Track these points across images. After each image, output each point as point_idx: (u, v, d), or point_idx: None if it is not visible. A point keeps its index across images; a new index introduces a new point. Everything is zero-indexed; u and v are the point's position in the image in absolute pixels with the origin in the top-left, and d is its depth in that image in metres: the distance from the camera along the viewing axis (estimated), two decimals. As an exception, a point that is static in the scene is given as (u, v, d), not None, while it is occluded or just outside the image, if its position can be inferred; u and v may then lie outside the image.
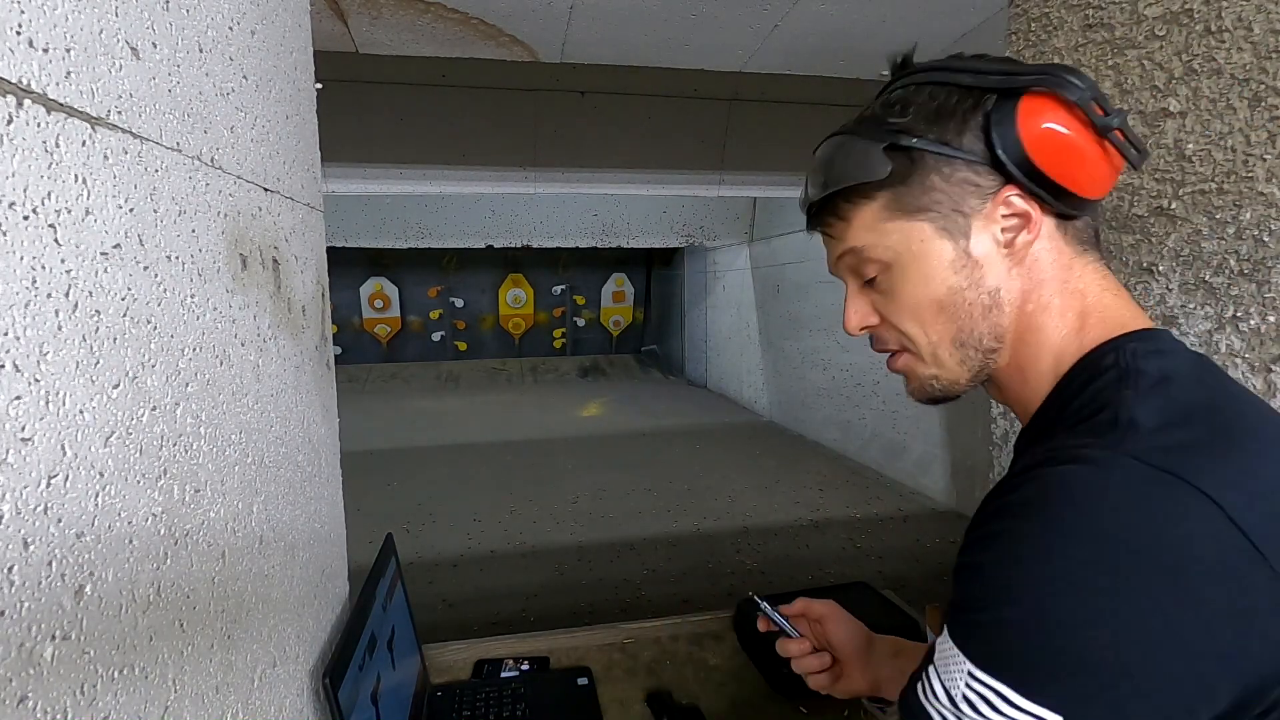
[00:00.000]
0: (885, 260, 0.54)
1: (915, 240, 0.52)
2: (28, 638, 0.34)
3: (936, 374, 0.55)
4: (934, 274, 0.52)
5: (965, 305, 0.52)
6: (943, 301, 0.52)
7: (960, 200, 0.51)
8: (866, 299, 0.57)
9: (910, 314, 0.54)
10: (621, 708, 1.04)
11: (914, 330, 0.54)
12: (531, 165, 3.97)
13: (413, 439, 6.38)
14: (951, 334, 0.53)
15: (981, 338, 0.53)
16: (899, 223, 0.52)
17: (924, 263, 0.52)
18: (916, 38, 2.58)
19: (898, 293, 0.54)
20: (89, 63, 0.41)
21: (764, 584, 3.19)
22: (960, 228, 0.51)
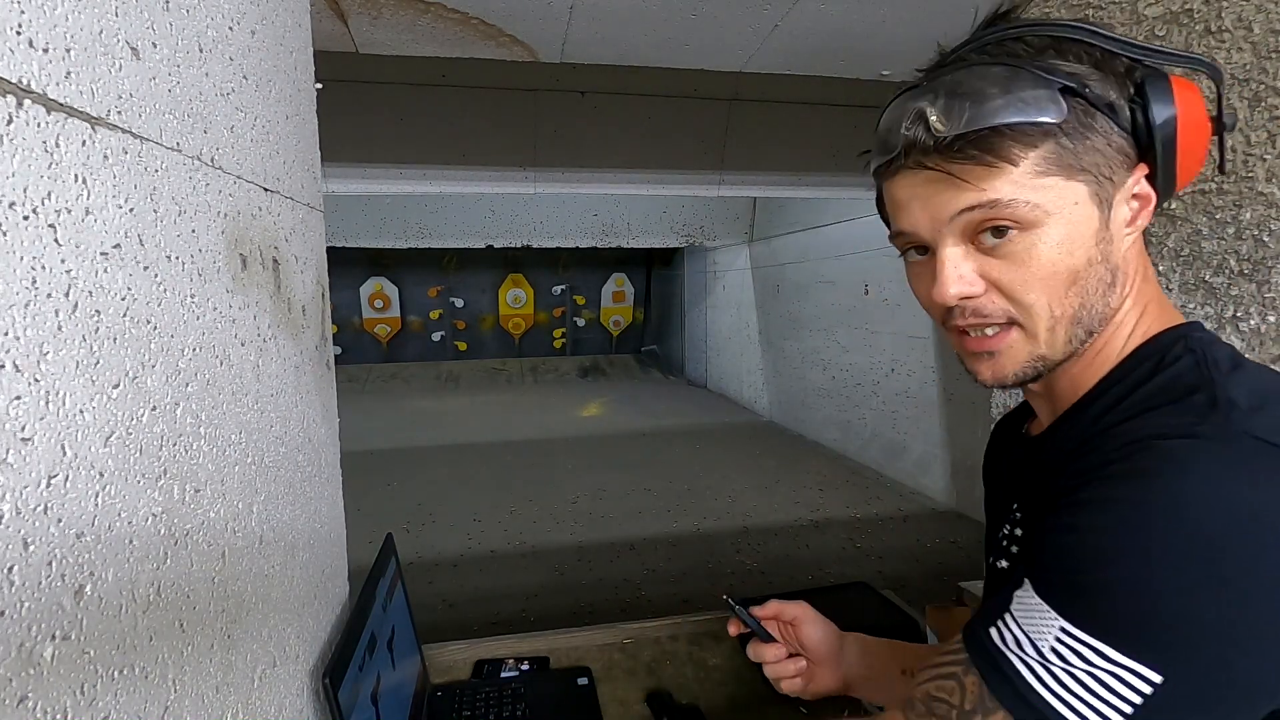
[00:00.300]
0: (1029, 220, 0.46)
1: (1069, 203, 0.47)
2: (28, 638, 0.34)
3: (1045, 354, 0.50)
4: (1079, 242, 0.47)
5: (1095, 280, 0.48)
6: (1079, 274, 0.48)
7: (1113, 168, 0.47)
8: (972, 264, 0.49)
9: (1042, 284, 0.48)
10: (621, 708, 1.04)
11: (1038, 302, 0.48)
12: (531, 165, 3.97)
13: (413, 439, 6.38)
14: (1074, 310, 0.49)
15: (1096, 318, 0.50)
16: (1056, 179, 0.46)
17: (1072, 228, 0.47)
18: (916, 38, 2.58)
19: (1033, 259, 0.47)
20: (89, 63, 0.41)
21: (764, 584, 3.19)
22: (1107, 196, 0.47)
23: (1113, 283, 0.49)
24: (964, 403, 4.16)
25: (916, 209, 0.50)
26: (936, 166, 0.48)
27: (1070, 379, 0.53)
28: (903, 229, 0.52)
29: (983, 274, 0.49)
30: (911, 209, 0.50)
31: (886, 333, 4.98)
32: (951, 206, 0.48)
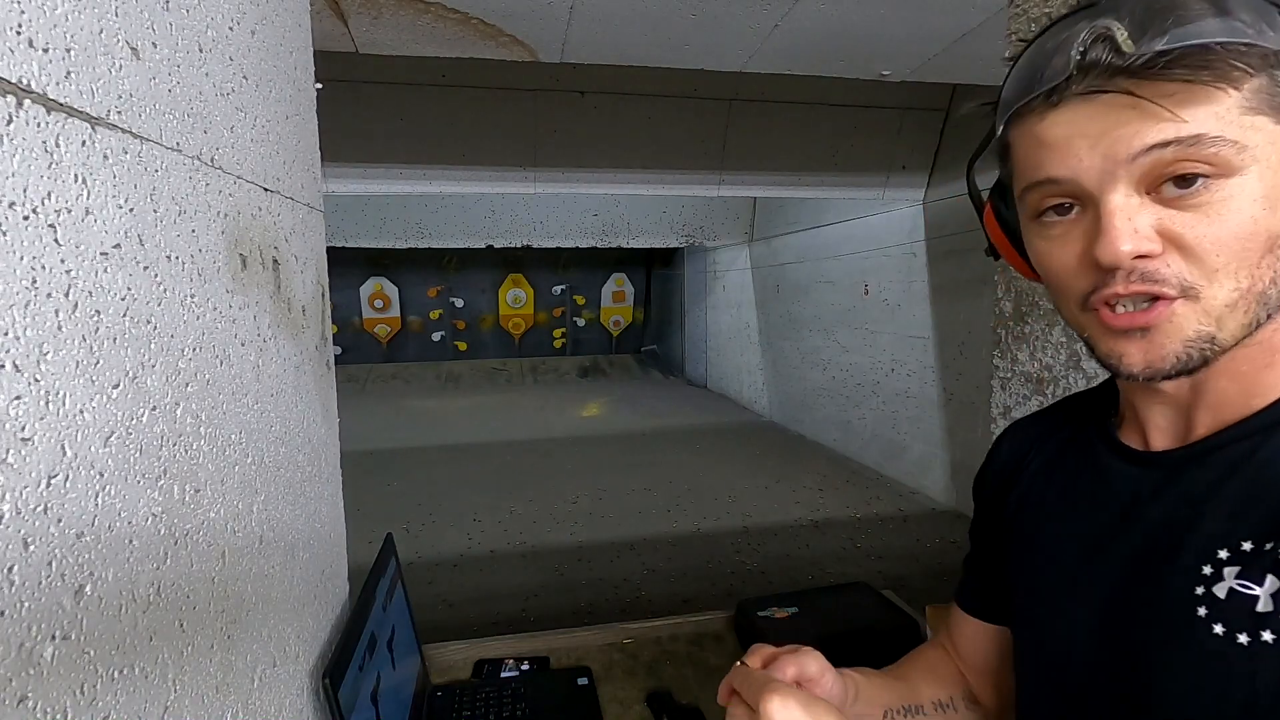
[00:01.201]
0: (1232, 165, 0.38)
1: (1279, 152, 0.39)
2: (28, 638, 0.34)
3: (1215, 334, 0.41)
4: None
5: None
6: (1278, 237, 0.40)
7: None
8: (1150, 216, 0.40)
9: (1236, 244, 0.39)
10: (621, 708, 1.04)
11: (1227, 267, 0.39)
12: (531, 165, 3.98)
13: (413, 439, 6.38)
14: (1265, 283, 0.40)
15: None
16: (1266, 119, 0.38)
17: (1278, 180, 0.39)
18: (917, 37, 2.58)
19: (1229, 213, 0.39)
20: (89, 63, 0.41)
21: (764, 584, 3.19)
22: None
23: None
24: (964, 403, 4.16)
25: (1083, 149, 0.41)
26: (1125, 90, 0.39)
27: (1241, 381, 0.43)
28: (1056, 174, 0.42)
29: (1162, 230, 0.40)
30: (1074, 149, 0.41)
31: (886, 333, 4.98)
32: (1137, 142, 0.39)
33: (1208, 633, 0.41)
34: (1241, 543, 0.41)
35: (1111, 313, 0.42)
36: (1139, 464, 0.49)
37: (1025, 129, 0.44)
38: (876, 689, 0.64)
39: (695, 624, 1.27)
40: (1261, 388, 0.43)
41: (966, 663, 0.69)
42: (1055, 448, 0.58)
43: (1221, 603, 0.41)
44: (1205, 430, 0.45)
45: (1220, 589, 0.41)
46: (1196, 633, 0.41)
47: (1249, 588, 0.40)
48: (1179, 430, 0.47)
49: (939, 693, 0.67)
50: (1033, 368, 1.66)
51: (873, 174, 4.33)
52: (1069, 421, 0.58)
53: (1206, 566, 0.42)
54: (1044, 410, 0.64)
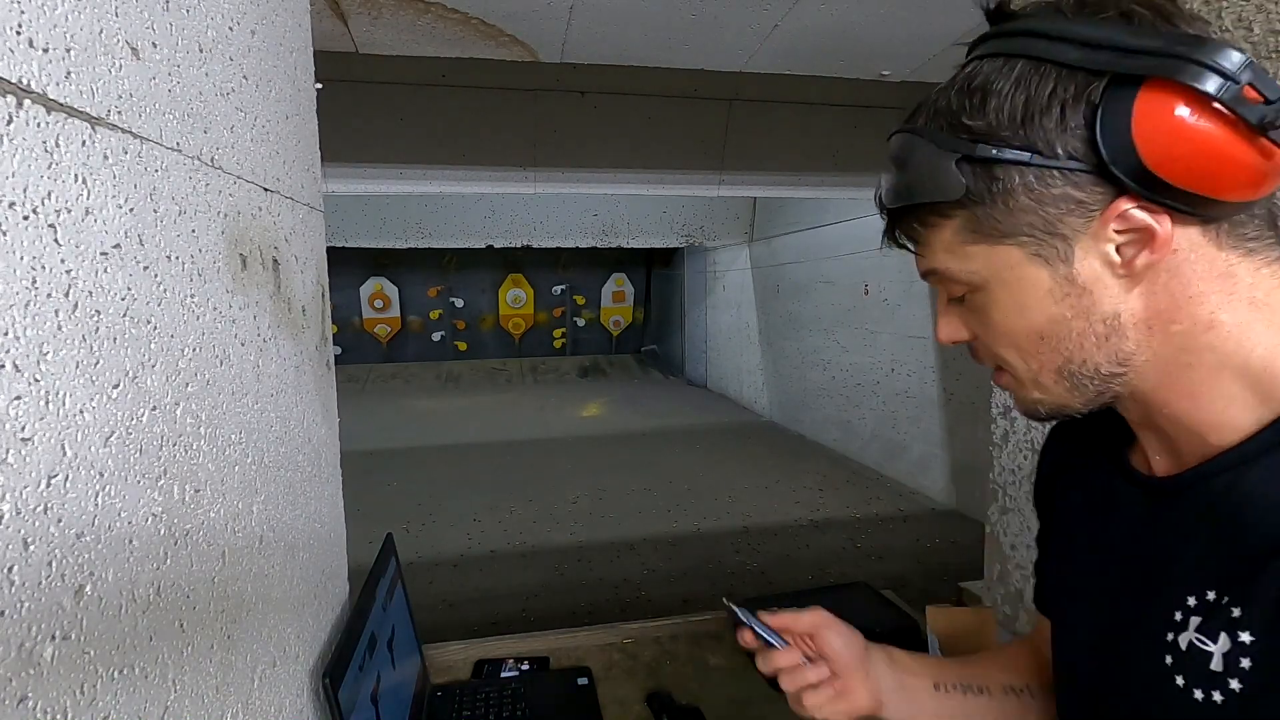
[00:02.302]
0: (973, 284, 0.46)
1: (1003, 267, 0.44)
2: (28, 638, 0.34)
3: (1041, 399, 0.48)
4: (1029, 304, 0.44)
5: (1074, 336, 0.44)
6: (1043, 332, 0.44)
7: (1056, 221, 0.41)
8: (958, 313, 0.49)
9: (1006, 341, 0.46)
10: (621, 708, 1.04)
11: (1011, 358, 0.47)
12: (531, 165, 3.97)
13: (413, 439, 6.38)
14: (1057, 364, 0.45)
15: (1098, 366, 0.44)
16: (982, 247, 0.44)
17: (1016, 292, 0.44)
18: (917, 37, 2.58)
19: (989, 319, 0.46)
20: (89, 63, 0.41)
21: (764, 584, 3.19)
22: (1059, 252, 0.42)
23: (1110, 333, 0.43)
24: (964, 403, 4.16)
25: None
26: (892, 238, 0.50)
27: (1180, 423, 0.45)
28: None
29: (964, 323, 0.49)
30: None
31: (886, 333, 4.98)
32: (919, 266, 0.50)
33: (1171, 682, 0.43)
34: (1206, 592, 0.42)
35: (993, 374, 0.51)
36: (1140, 487, 0.50)
37: None
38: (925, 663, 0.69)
39: (695, 624, 1.27)
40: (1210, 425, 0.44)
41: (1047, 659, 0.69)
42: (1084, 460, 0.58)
43: (1183, 654, 0.42)
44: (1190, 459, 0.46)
45: (1184, 639, 0.42)
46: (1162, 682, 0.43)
47: (1205, 644, 0.41)
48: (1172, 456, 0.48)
49: (1013, 679, 0.68)
50: (1033, 368, 1.66)
51: (873, 174, 4.30)
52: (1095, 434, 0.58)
53: (1177, 613, 0.44)
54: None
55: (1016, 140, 0.41)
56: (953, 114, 0.43)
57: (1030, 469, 1.54)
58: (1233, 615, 0.40)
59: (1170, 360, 0.43)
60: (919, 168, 0.44)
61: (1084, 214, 0.41)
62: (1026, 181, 0.41)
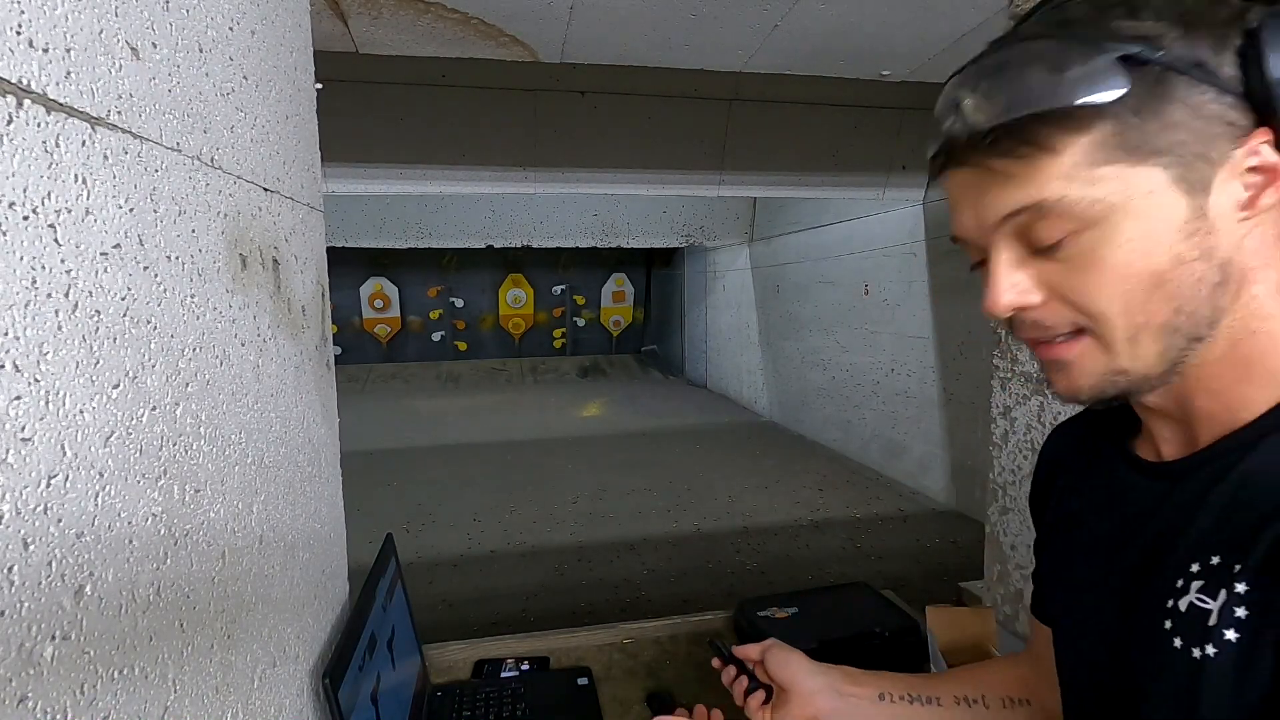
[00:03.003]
0: (1090, 218, 0.40)
1: (1140, 192, 0.39)
2: (28, 638, 0.34)
3: (1126, 368, 0.42)
4: (1159, 239, 0.39)
5: (1192, 281, 0.40)
6: (1164, 275, 0.40)
7: (1208, 143, 0.38)
8: (1029, 270, 0.43)
9: (1114, 290, 0.40)
10: (621, 708, 1.04)
11: (1113, 310, 0.41)
12: (531, 165, 3.97)
13: (413, 439, 6.39)
14: (1165, 317, 0.41)
15: (1201, 323, 0.41)
16: (1119, 168, 0.39)
17: (1147, 223, 0.39)
18: (917, 37, 2.58)
19: (1099, 262, 0.40)
20: (89, 63, 0.41)
21: (764, 584, 3.19)
22: (1202, 178, 0.39)
23: (1223, 281, 0.40)
24: (964, 403, 4.16)
25: (967, 214, 0.44)
26: (978, 164, 0.42)
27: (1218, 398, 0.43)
28: (957, 234, 0.46)
29: (1042, 281, 0.43)
30: (962, 213, 0.45)
31: (886, 333, 4.98)
32: (997, 209, 0.42)
33: (1170, 645, 0.42)
34: (1211, 557, 0.41)
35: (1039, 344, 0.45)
36: (1148, 475, 0.49)
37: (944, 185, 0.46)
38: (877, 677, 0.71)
39: (695, 624, 1.27)
40: (1243, 401, 0.43)
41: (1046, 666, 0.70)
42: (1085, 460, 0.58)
43: (1182, 616, 0.41)
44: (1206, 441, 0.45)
45: (1184, 603, 0.42)
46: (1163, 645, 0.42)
47: (1205, 602, 0.40)
48: (1184, 441, 0.47)
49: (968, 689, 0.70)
50: (1033, 368, 1.66)
51: (873, 174, 4.32)
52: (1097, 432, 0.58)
53: (1179, 580, 0.43)
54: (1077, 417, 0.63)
55: (1181, 48, 0.38)
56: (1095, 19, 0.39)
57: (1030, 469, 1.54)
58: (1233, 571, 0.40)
59: (1240, 327, 0.41)
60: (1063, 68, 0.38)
61: (1231, 139, 0.39)
62: (1188, 93, 0.38)
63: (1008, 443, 1.58)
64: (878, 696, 0.70)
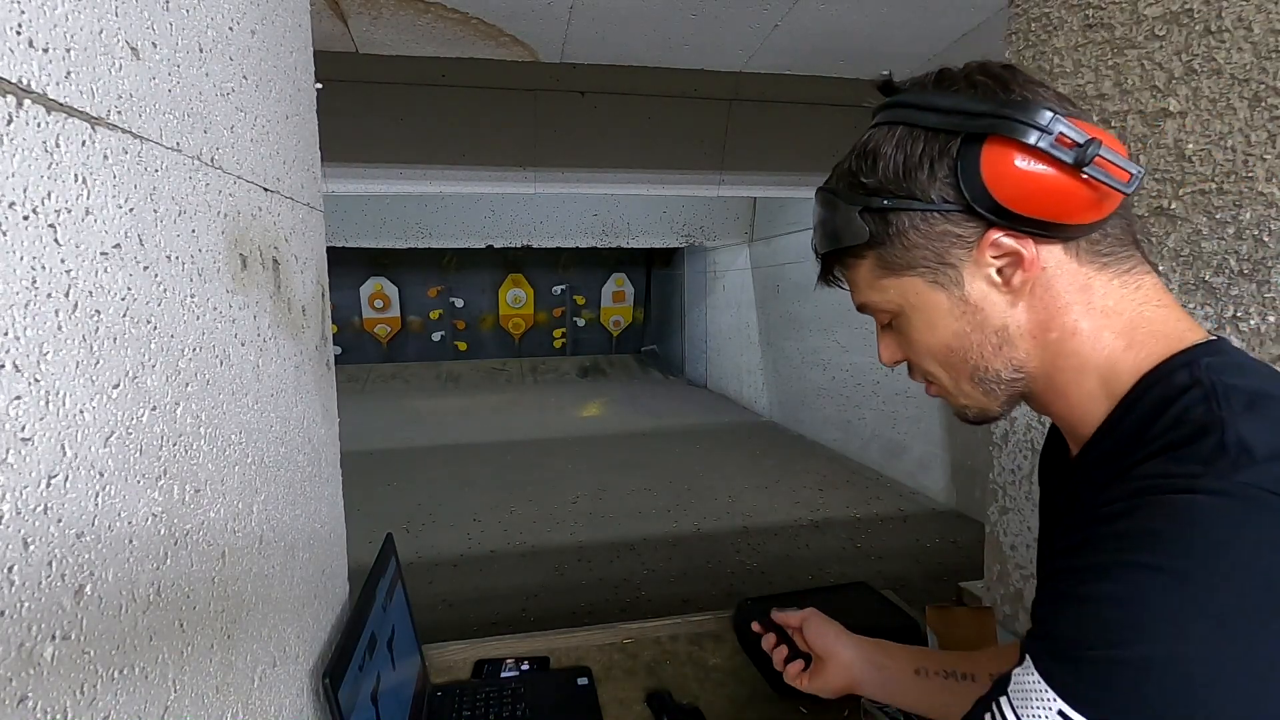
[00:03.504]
0: (893, 310, 0.55)
1: (911, 294, 0.53)
2: (28, 638, 0.34)
3: (967, 404, 0.56)
4: (936, 322, 0.53)
5: (975, 346, 0.53)
6: (951, 345, 0.53)
7: (944, 252, 0.51)
8: (891, 337, 0.58)
9: (927, 357, 0.55)
10: (621, 708, 1.04)
11: (934, 370, 0.56)
12: (531, 165, 3.97)
13: (413, 439, 6.38)
14: (968, 372, 0.54)
15: (999, 372, 0.53)
16: (891, 279, 0.54)
17: (925, 313, 0.53)
18: (917, 37, 2.58)
19: (911, 339, 0.56)
20: (89, 63, 0.41)
21: (764, 584, 3.19)
22: (951, 277, 0.51)
23: (1004, 341, 0.52)
24: (964, 403, 4.15)
25: None
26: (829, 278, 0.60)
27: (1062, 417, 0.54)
28: None
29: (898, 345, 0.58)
30: None
31: (886, 333, 4.97)
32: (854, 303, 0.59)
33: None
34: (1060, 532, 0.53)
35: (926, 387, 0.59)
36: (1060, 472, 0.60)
37: None
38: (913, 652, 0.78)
39: (695, 624, 1.27)
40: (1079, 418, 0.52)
41: None
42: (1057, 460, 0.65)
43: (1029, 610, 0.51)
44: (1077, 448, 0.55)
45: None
46: None
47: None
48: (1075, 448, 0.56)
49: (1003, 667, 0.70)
50: (1033, 368, 1.66)
51: (873, 174, 4.31)
52: None
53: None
54: None
55: (901, 191, 0.50)
56: (853, 174, 0.53)
57: (1030, 469, 1.54)
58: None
59: (1049, 364, 0.52)
60: (834, 220, 0.54)
61: (964, 245, 0.50)
62: (914, 223, 0.51)
63: (1008, 443, 1.58)
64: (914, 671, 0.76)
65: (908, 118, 0.51)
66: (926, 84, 0.52)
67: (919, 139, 0.50)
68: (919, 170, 0.50)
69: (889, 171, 0.51)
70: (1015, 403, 0.55)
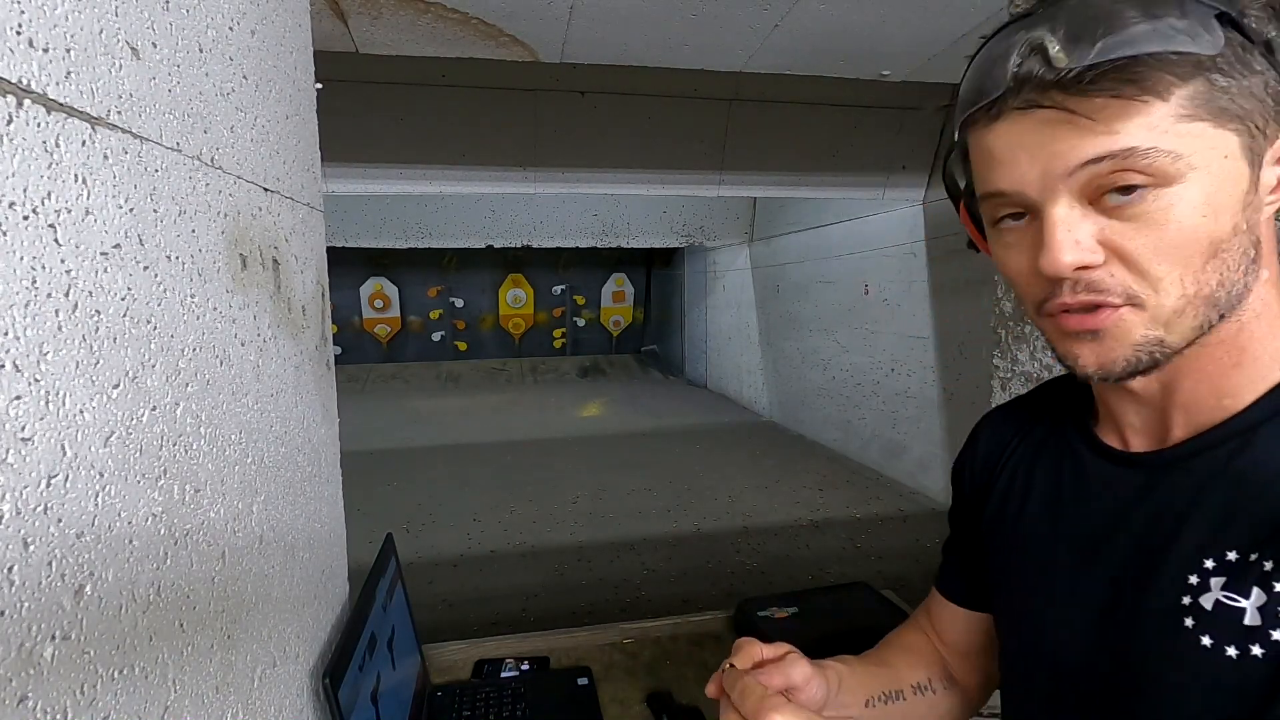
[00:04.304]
0: (1170, 174, 0.38)
1: (1219, 154, 0.38)
2: (28, 638, 0.34)
3: (1163, 338, 0.41)
4: (1225, 204, 0.39)
5: (1238, 253, 0.40)
6: (1222, 243, 0.39)
7: (1268, 119, 0.38)
8: (1090, 227, 0.40)
9: (1177, 253, 0.39)
10: (621, 708, 1.04)
11: (1170, 275, 0.39)
12: (531, 165, 3.97)
13: (413, 439, 6.38)
14: (1211, 288, 0.40)
15: (1234, 298, 0.41)
16: (1204, 125, 0.38)
17: (1219, 187, 0.38)
18: (917, 37, 2.58)
19: (1169, 221, 0.39)
20: (89, 63, 0.41)
21: (764, 584, 3.19)
22: (1260, 152, 0.39)
23: (1256, 258, 0.40)
24: (964, 403, 4.16)
25: (1024, 161, 0.41)
26: (1058, 105, 0.39)
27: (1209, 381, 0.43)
28: (1002, 188, 0.42)
29: (1104, 240, 0.40)
30: (1017, 161, 0.41)
31: (886, 333, 4.98)
32: (1073, 156, 0.39)
33: (1196, 643, 0.41)
34: (1226, 553, 0.41)
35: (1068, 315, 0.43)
36: (1121, 464, 0.49)
37: (976, 138, 0.44)
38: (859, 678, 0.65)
39: (695, 624, 1.27)
40: (1231, 387, 0.43)
41: (947, 646, 0.70)
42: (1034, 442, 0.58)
43: (1208, 614, 0.41)
44: (1182, 432, 0.45)
45: (1207, 600, 0.41)
46: (1184, 642, 0.41)
47: (1235, 600, 0.40)
48: (1156, 430, 0.47)
49: (917, 676, 0.68)
50: (1033, 367, 1.66)
51: (873, 174, 4.33)
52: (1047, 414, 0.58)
53: (1193, 576, 0.42)
54: (1021, 398, 0.63)
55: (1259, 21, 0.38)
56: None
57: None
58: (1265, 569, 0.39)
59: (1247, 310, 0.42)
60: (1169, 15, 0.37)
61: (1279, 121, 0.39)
62: (1270, 65, 0.38)
63: (1008, 443, 1.58)
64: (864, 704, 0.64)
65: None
66: None
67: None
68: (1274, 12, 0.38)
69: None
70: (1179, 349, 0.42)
